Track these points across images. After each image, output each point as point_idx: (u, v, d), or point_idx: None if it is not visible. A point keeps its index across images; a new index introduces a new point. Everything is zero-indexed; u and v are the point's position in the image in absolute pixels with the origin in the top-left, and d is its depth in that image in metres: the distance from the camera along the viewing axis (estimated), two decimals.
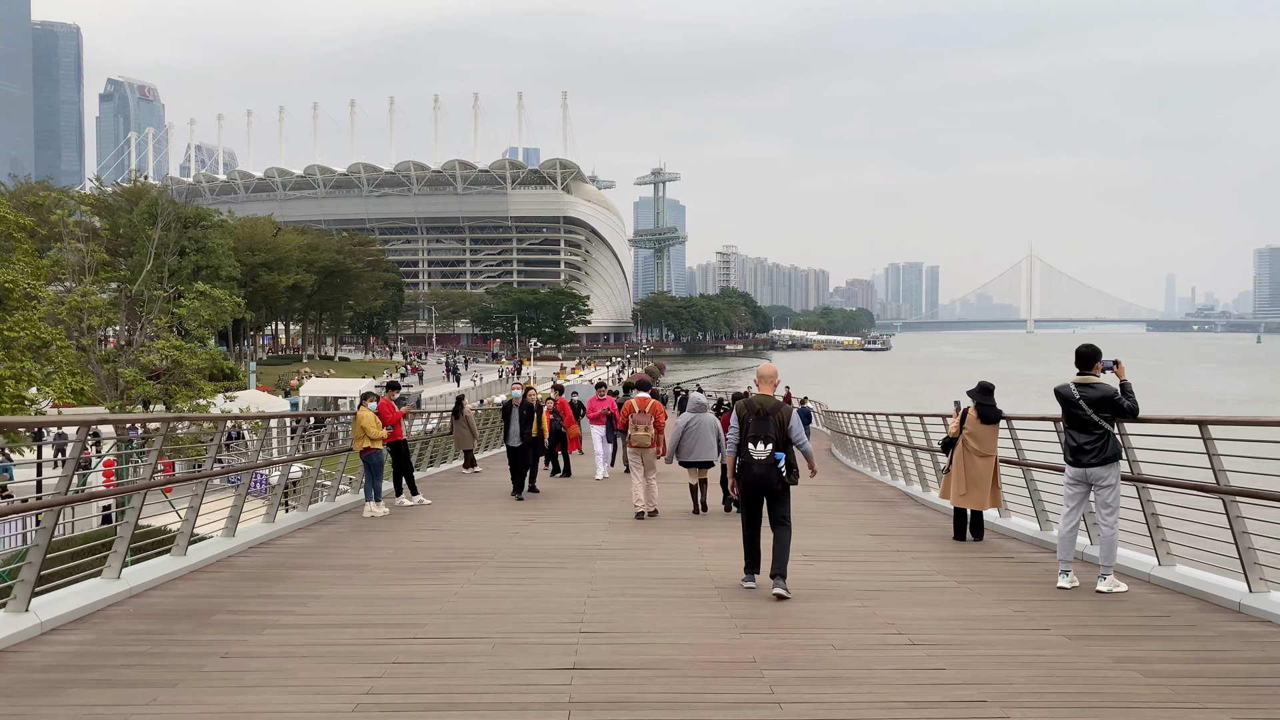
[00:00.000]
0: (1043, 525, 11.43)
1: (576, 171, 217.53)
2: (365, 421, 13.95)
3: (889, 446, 19.77)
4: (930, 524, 13.43)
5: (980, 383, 11.81)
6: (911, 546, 11.21)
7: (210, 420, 15.23)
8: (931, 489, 16.48)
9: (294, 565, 9.74)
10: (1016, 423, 11.81)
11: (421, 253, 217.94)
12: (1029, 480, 11.65)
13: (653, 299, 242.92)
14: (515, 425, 16.29)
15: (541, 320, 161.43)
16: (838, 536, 12.20)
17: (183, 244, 75.25)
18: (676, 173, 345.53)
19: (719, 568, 9.60)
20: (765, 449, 8.22)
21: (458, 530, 12.58)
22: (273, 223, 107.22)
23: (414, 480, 15.50)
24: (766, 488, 8.32)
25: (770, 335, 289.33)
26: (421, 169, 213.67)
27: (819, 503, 16.10)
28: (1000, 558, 10.44)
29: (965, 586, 8.70)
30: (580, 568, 9.55)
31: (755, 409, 8.39)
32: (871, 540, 11.85)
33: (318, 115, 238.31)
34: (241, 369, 79.19)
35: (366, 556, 10.29)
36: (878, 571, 9.57)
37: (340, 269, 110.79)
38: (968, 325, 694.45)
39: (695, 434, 13.53)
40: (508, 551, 10.67)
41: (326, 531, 12.30)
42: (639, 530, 12.61)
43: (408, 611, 7.55)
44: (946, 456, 11.92)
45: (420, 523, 13.20)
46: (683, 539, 11.81)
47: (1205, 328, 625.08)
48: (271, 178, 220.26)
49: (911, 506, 15.77)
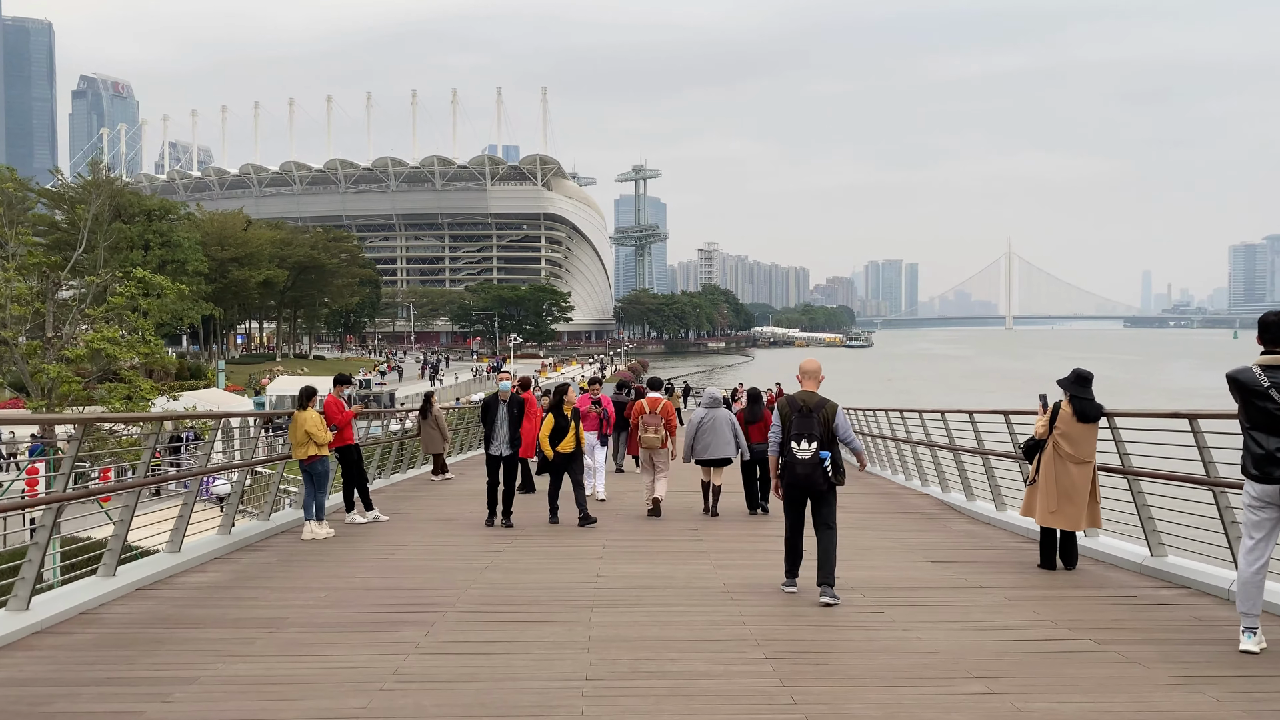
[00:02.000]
0: (1154, 550, 9.03)
1: (557, 167, 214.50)
2: (309, 424, 11.39)
3: (918, 448, 17.35)
4: (994, 544, 11.02)
5: (1075, 371, 9.39)
6: (993, 580, 8.77)
7: (124, 421, 12.63)
8: (979, 498, 14.10)
9: (183, 620, 7.19)
10: (1121, 420, 9.37)
11: (400, 250, 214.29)
12: (1137, 493, 9.24)
13: (634, 296, 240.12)
14: (503, 427, 12.45)
15: (522, 317, 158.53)
16: (892, 564, 9.75)
17: (147, 237, 72.33)
18: (658, 170, 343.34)
19: (762, 622, 7.11)
20: (810, 448, 7.77)
21: (415, 559, 10.03)
22: (243, 217, 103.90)
23: (368, 492, 12.96)
24: (811, 488, 7.85)
25: (752, 333, 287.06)
26: (399, 165, 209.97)
27: (848, 514, 13.59)
28: (1120, 598, 8.01)
29: (1113, 650, 6.25)
30: (572, 622, 7.05)
31: (798, 406, 7.89)
32: (937, 570, 9.39)
33: (294, 112, 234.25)
34: (210, 368, 76.25)
35: (287, 603, 7.75)
36: (975, 624, 7.10)
37: (314, 265, 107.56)
38: (947, 322, 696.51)
39: (711, 430, 13.06)
40: (476, 594, 8.15)
41: (249, 562, 9.74)
42: (644, 556, 10.11)
43: (314, 713, 5.04)
44: (1031, 464, 9.48)
45: (369, 548, 10.65)
46: (700, 569, 9.33)
47: (1181, 324, 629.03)
48: (247, 174, 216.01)
49: (957, 519, 13.36)
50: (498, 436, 12.48)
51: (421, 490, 16.94)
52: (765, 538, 11.42)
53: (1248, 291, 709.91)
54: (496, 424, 12.51)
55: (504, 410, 12.53)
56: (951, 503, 14.70)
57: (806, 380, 8.18)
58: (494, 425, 12.57)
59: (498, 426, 12.49)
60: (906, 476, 18.33)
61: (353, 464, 12.69)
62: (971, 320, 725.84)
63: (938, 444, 15.73)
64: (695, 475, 17.14)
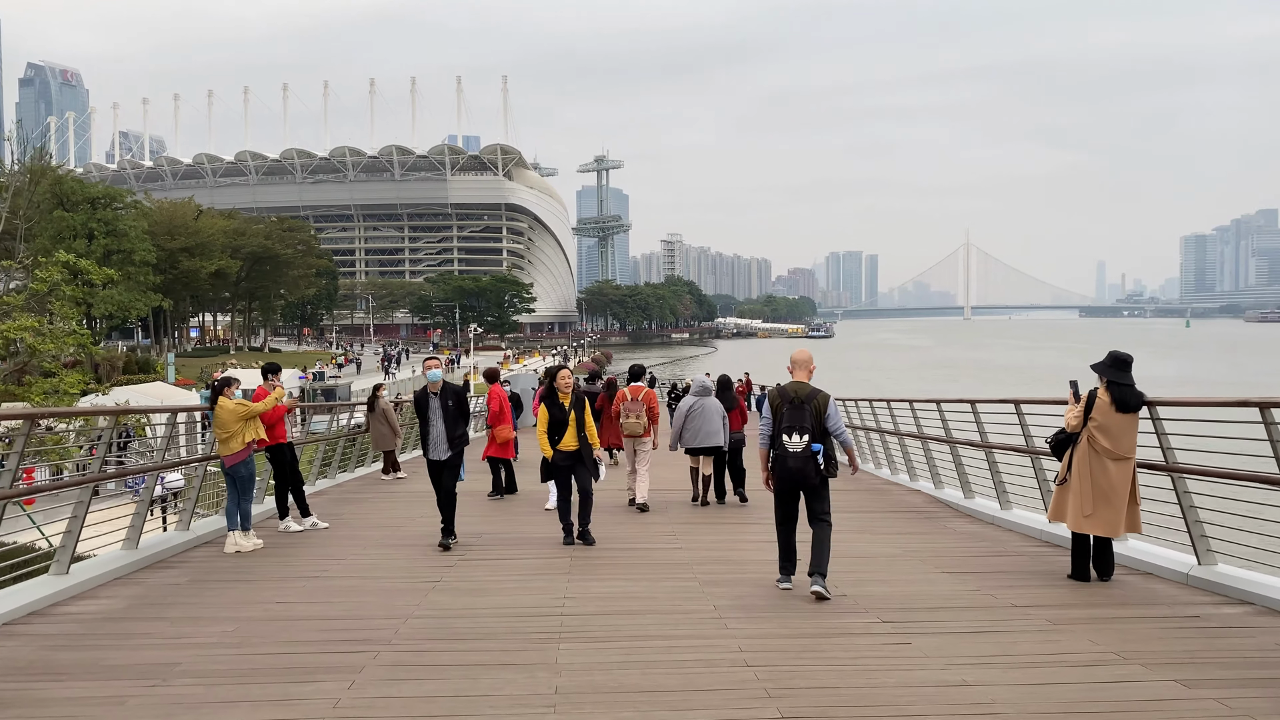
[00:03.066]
0: (1202, 557, 7.87)
1: (518, 157, 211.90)
2: (236, 415, 9.91)
3: (906, 440, 16.16)
4: (1007, 549, 9.83)
5: (1112, 354, 8.21)
6: (1024, 596, 7.54)
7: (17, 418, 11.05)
8: (979, 495, 12.93)
9: (45, 668, 5.75)
10: (1164, 410, 8.17)
11: (358, 241, 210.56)
12: (1182, 493, 8.06)
13: (598, 288, 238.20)
14: (437, 425, 10.19)
15: (484, 309, 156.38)
16: (901, 576, 8.49)
17: (91, 226, 69.66)
18: (620, 160, 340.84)
19: (767, 659, 5.81)
20: (801, 440, 7.48)
21: (350, 577, 8.61)
22: (194, 206, 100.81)
23: (304, 497, 11.50)
24: (803, 482, 7.58)
25: (716, 324, 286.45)
26: (357, 154, 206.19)
27: (836, 514, 12.43)
28: (1180, 618, 6.81)
29: (1208, 697, 5.01)
30: (534, 665, 5.71)
31: (789, 397, 7.63)
32: (954, 584, 8.15)
33: (249, 101, 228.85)
34: (159, 361, 73.67)
35: (183, 642, 6.33)
36: (1026, 659, 5.83)
37: (269, 255, 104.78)
38: (907, 313, 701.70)
39: (700, 418, 12.96)
40: (418, 624, 6.77)
41: (152, 584, 8.27)
42: (617, 570, 8.77)
43: None
44: (1062, 460, 8.27)
45: (299, 563, 9.22)
46: (683, 585, 8.01)
47: (1135, 313, 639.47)
48: (201, 164, 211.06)
49: (956, 519, 12.18)
50: (433, 438, 10.23)
51: (369, 492, 15.48)
52: (750, 543, 10.17)
53: (1198, 281, 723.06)
54: (431, 423, 10.24)
55: (436, 405, 10.24)
56: (947, 500, 13.53)
57: (797, 371, 7.79)
58: (428, 426, 10.28)
59: (432, 425, 10.23)
60: (893, 470, 17.16)
61: (285, 465, 11.23)
62: (930, 310, 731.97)
63: (931, 436, 14.54)
64: (671, 468, 15.97)
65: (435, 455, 10.22)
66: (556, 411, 10.11)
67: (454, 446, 10.23)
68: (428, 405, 10.28)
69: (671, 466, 16.24)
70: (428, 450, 10.33)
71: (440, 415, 10.17)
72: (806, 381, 7.74)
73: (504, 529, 11.36)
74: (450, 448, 10.18)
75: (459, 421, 10.25)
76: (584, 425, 10.20)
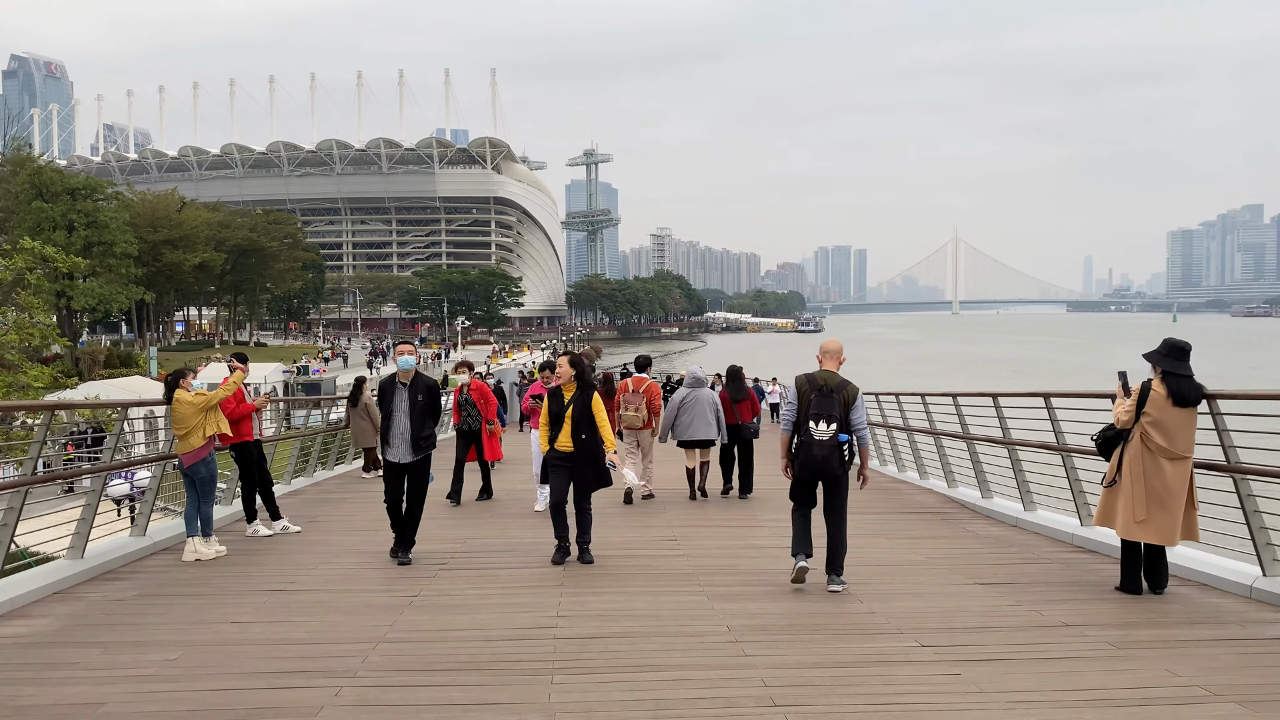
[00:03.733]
0: (1267, 568, 7.06)
1: (507, 150, 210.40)
2: (194, 407, 8.99)
3: (916, 436, 15.34)
4: (1038, 555, 9.02)
5: (1167, 341, 7.38)
6: (1074, 613, 6.69)
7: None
8: (1000, 494, 12.13)
9: None
10: (1226, 404, 7.35)
11: (346, 234, 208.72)
12: (1245, 496, 7.25)
13: (587, 282, 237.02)
14: (401, 421, 8.73)
15: (472, 302, 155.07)
16: (931, 587, 7.64)
17: (71, 217, 68.34)
18: (609, 154, 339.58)
19: (798, 695, 4.95)
20: (829, 429, 7.32)
21: (318, 590, 7.71)
22: (177, 197, 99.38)
23: (273, 498, 10.61)
24: (826, 472, 7.39)
25: (705, 318, 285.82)
26: (345, 147, 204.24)
27: (850, 516, 11.62)
28: (1260, 640, 5.99)
29: None
30: (524, 704, 4.84)
31: (818, 385, 7.45)
32: (992, 597, 7.32)
33: (235, 93, 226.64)
34: (142, 355, 72.41)
35: (116, 674, 5.44)
36: (1103, 695, 4.95)
37: (254, 248, 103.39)
38: (895, 307, 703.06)
39: (693, 410, 12.76)
40: (389, 650, 5.89)
41: (96, 600, 7.37)
42: (615, 581, 7.89)
43: None
44: (1110, 460, 7.44)
45: (262, 574, 8.32)
46: (690, 600, 7.16)
47: (1122, 308, 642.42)
48: (186, 157, 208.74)
49: (975, 520, 11.36)
50: (395, 435, 8.70)
51: (347, 491, 14.59)
52: (760, 549, 9.34)
53: (1185, 276, 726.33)
54: (394, 417, 8.70)
55: (403, 397, 8.70)
56: (962, 500, 12.72)
57: (827, 360, 7.63)
58: (390, 420, 8.75)
59: (394, 421, 8.70)
60: (900, 468, 16.35)
61: (252, 464, 10.33)
62: (919, 305, 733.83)
63: (946, 432, 13.72)
64: (665, 465, 15.15)
65: (394, 457, 8.74)
66: (556, 405, 8.72)
67: (418, 450, 8.68)
68: (393, 396, 8.75)
69: (665, 464, 15.39)
70: (386, 449, 8.81)
71: (406, 410, 8.67)
72: (836, 371, 7.60)
73: (490, 534, 10.48)
74: (414, 451, 8.66)
75: (427, 420, 8.72)
76: (590, 422, 8.60)
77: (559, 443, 8.67)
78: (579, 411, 8.58)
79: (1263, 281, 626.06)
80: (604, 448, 8.69)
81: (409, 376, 8.84)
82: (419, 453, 8.69)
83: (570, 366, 8.78)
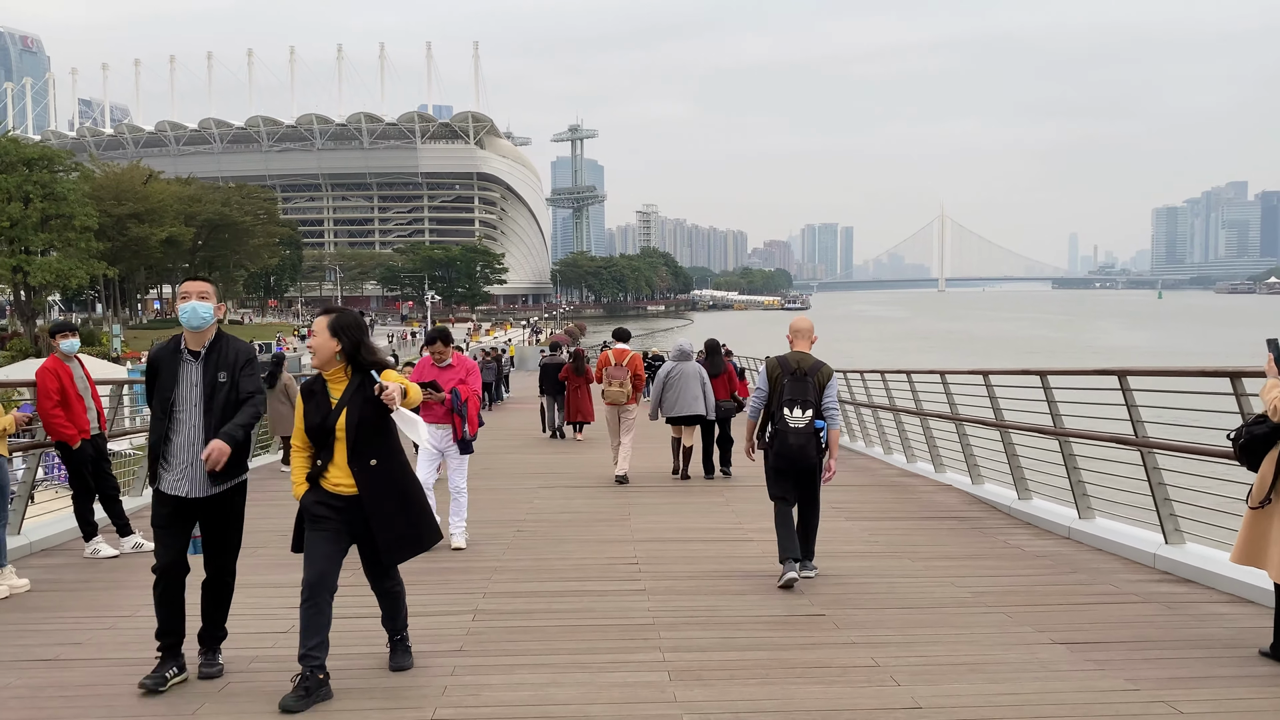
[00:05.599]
0: None
1: (490, 125, 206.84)
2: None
3: (938, 423, 13.05)
4: (1116, 588, 6.78)
5: None
6: (1220, 705, 4.44)
7: None
8: (1043, 494, 9.90)
9: None
10: None
11: (327, 211, 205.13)
12: None
13: (572, 259, 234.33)
14: (191, 418, 4.84)
15: (454, 279, 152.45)
16: (993, 652, 5.34)
17: (26, 189, 65.26)
18: (594, 129, 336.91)
19: None
20: (804, 415, 6.79)
21: (104, 663, 5.31)
22: (143, 170, 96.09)
23: (120, 507, 8.25)
24: (803, 461, 6.84)
25: (691, 296, 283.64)
26: (325, 122, 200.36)
27: (856, 522, 9.37)
28: None
29: None
30: None
31: (791, 368, 6.95)
32: (1087, 668, 5.03)
33: (213, 67, 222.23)
34: (105, 333, 69.58)
35: None
36: None
37: (227, 223, 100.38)
38: (881, 285, 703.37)
39: (678, 385, 12.26)
40: None
41: None
42: (545, 647, 5.60)
43: None
44: (1261, 469, 5.14)
45: (57, 626, 5.95)
46: (649, 682, 4.86)
47: (1107, 285, 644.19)
48: (163, 132, 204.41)
49: (1014, 530, 9.11)
50: (177, 447, 4.82)
51: (256, 490, 12.15)
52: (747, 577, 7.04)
53: (1169, 254, 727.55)
54: (175, 415, 4.83)
55: (193, 379, 4.86)
56: (992, 501, 10.47)
57: (798, 340, 7.15)
58: (170, 420, 4.83)
59: (176, 421, 4.83)
60: (910, 458, 14.09)
61: (85, 465, 7.94)
62: (905, 283, 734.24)
63: (971, 419, 11.42)
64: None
65: (175, 487, 4.82)
66: (311, 409, 4.72)
67: (222, 475, 4.80)
68: (175, 375, 4.85)
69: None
70: (162, 473, 4.86)
71: (199, 400, 4.82)
72: (808, 352, 7.06)
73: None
74: (214, 477, 4.78)
75: (224, 414, 4.82)
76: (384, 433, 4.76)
77: (329, 478, 4.70)
78: (360, 417, 4.65)
79: (1246, 258, 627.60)
80: (407, 467, 4.87)
81: (203, 340, 4.89)
82: (223, 480, 4.85)
83: (331, 334, 4.65)
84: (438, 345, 8.29)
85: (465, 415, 7.99)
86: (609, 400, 12.58)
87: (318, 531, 4.67)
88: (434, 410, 7.91)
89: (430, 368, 8.32)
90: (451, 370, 8.24)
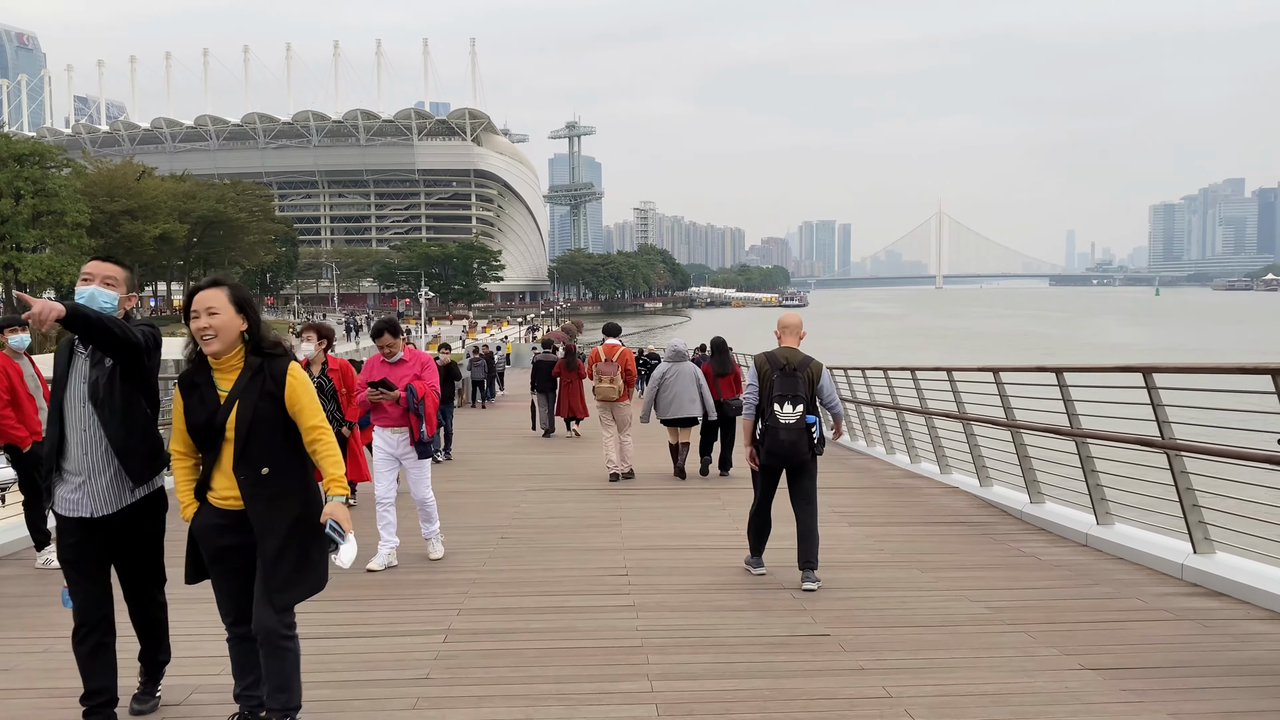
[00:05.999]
0: None
1: (487, 122, 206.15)
2: None
3: (943, 421, 12.54)
4: (1144, 602, 6.29)
5: None
6: None
7: None
8: (1055, 498, 9.40)
9: None
10: None
11: (323, 208, 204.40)
12: None
13: (570, 256, 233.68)
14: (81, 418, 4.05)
15: (451, 277, 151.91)
16: (1016, 679, 4.82)
17: (17, 185, 64.67)
18: (592, 126, 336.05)
19: None
20: (796, 411, 6.69)
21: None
22: (136, 166, 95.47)
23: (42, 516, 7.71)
24: (795, 457, 6.69)
25: (689, 293, 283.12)
26: (322, 119, 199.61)
27: (859, 526, 8.86)
28: None
29: None
30: None
31: (780, 364, 6.83)
32: (1123, 700, 4.53)
33: (209, 64, 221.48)
34: None
35: None
36: None
37: (221, 219, 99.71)
38: (879, 282, 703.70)
39: (673, 386, 12.05)
40: None
41: None
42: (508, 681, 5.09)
43: None
44: None
45: None
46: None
47: (1104, 281, 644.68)
48: (159, 129, 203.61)
49: (1027, 536, 8.61)
50: (72, 457, 4.02)
51: None
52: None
53: (1167, 250, 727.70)
54: (66, 414, 4.04)
55: (81, 371, 4.06)
56: (1003, 505, 9.97)
57: (786, 336, 7.07)
58: (59, 420, 4.05)
59: (68, 420, 4.03)
60: (913, 458, 13.58)
61: (36, 468, 7.42)
62: (903, 279, 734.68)
63: (979, 418, 10.90)
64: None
65: (73, 508, 4.04)
66: (193, 406, 3.86)
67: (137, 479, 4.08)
68: (68, 371, 4.08)
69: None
70: (57, 489, 4.08)
71: (83, 396, 4.02)
72: (796, 348, 7.00)
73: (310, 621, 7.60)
74: (131, 479, 4.07)
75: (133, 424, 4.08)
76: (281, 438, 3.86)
77: (215, 490, 3.86)
78: (255, 414, 3.79)
79: (1243, 255, 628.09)
80: (320, 487, 3.94)
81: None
82: (140, 483, 4.09)
83: (236, 309, 3.84)
84: (385, 338, 7.34)
85: (423, 414, 7.23)
86: (600, 396, 12.43)
87: (220, 566, 3.91)
88: (388, 412, 7.31)
89: (380, 365, 7.46)
90: (404, 365, 7.44)
